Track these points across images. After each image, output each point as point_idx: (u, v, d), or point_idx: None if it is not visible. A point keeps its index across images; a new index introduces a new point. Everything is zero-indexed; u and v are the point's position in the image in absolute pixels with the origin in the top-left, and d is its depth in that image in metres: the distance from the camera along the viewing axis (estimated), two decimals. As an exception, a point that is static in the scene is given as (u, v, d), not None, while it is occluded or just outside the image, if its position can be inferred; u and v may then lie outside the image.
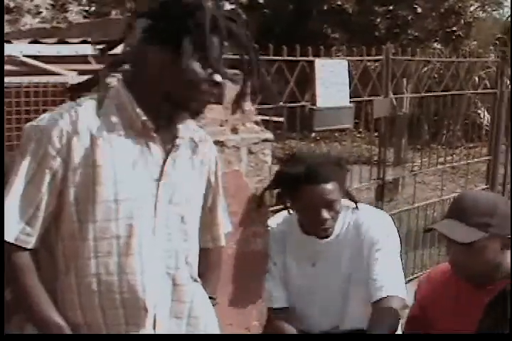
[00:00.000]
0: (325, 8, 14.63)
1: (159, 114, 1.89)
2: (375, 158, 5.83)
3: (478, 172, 8.08)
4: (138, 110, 1.86)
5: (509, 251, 2.29)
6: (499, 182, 6.59)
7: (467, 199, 2.30)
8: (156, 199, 1.88)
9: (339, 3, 14.63)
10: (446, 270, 2.52)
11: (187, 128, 1.97)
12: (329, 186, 2.61)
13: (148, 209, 1.88)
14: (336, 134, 11.06)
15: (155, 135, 1.89)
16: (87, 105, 1.88)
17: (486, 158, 6.54)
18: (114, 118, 1.86)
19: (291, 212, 2.74)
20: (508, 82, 7.53)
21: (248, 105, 2.66)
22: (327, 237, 2.73)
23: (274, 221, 2.91)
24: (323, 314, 2.82)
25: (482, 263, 2.25)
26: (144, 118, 1.86)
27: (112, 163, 1.82)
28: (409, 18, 14.02)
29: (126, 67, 1.91)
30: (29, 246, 1.82)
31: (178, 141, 1.93)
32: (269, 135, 2.60)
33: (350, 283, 2.78)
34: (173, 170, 1.92)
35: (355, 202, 2.79)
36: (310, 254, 2.77)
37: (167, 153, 1.91)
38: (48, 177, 1.81)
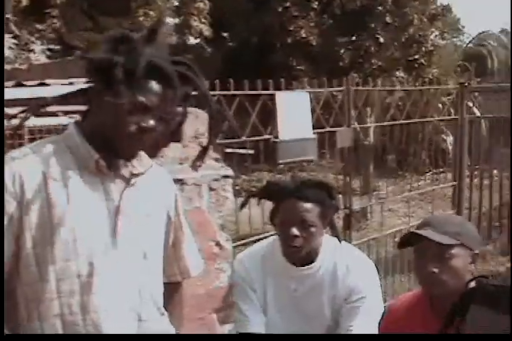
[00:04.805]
0: (289, 40, 14.81)
1: (111, 152, 1.91)
2: (347, 189, 5.86)
3: (445, 198, 8.16)
4: (90, 150, 1.89)
5: (470, 274, 2.32)
6: (465, 207, 6.67)
7: (436, 215, 2.40)
8: (115, 237, 1.90)
9: (303, 35, 14.82)
10: (410, 300, 2.53)
11: (143, 165, 2.00)
12: (308, 205, 2.65)
13: (108, 247, 1.89)
14: (304, 164, 11.15)
15: (110, 172, 1.91)
16: (40, 148, 1.91)
17: (451, 183, 6.62)
18: (67, 160, 1.89)
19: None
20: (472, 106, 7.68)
21: (206, 142, 2.68)
22: (301, 262, 2.74)
23: (258, 245, 2.95)
24: None
25: (453, 274, 2.26)
26: (97, 156, 1.88)
27: (67, 203, 1.84)
28: (372, 48, 14.25)
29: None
30: None
31: (133, 179, 1.95)
32: (229, 171, 2.62)
33: (330, 322, 2.82)
34: (131, 206, 1.93)
35: (339, 239, 2.81)
36: (291, 280, 2.79)
37: (123, 190, 1.93)
38: (4, 223, 1.82)
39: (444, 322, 1.72)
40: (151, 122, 1.87)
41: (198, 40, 17.60)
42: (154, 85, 1.87)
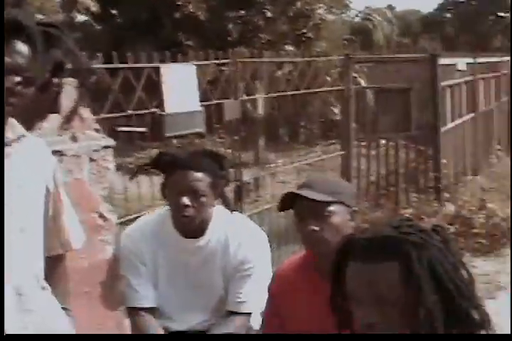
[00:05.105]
0: (177, 15, 14.67)
1: None
2: (236, 161, 5.89)
3: (336, 168, 8.33)
4: None
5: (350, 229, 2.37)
6: (353, 176, 6.83)
7: (314, 177, 2.45)
8: None
9: (191, 10, 14.71)
10: (296, 263, 2.57)
11: (15, 133, 1.94)
12: (199, 175, 2.65)
13: None
14: (196, 140, 11.15)
15: None
16: None
17: (339, 153, 6.76)
18: None
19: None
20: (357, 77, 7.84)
21: (87, 113, 2.64)
22: (192, 234, 2.75)
23: (147, 218, 2.92)
24: (191, 311, 2.85)
25: (334, 231, 2.31)
26: None
27: None
28: (260, 22, 14.31)
29: None
30: None
31: (7, 150, 1.89)
32: (110, 141, 2.58)
33: (222, 291, 2.84)
34: (5, 179, 1.88)
35: (231, 210, 2.83)
36: (183, 253, 2.79)
37: None
38: None
39: (331, 283, 1.75)
40: (17, 84, 1.81)
41: (86, 18, 17.18)
42: (18, 45, 1.82)
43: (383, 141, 7.71)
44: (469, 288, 1.62)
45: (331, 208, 2.35)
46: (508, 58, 13.47)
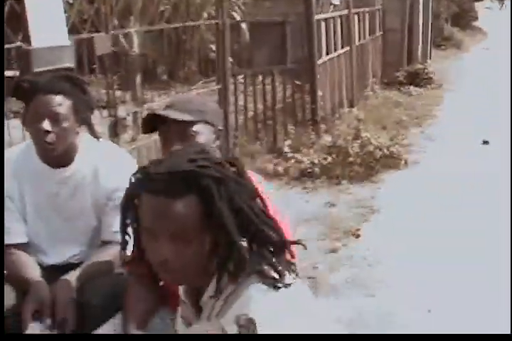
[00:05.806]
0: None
1: None
2: (117, 101, 5.78)
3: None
4: None
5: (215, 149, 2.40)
6: (232, 110, 6.85)
7: (178, 97, 2.44)
8: None
9: None
10: None
11: None
12: (58, 98, 2.58)
13: None
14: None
15: None
16: None
17: (215, 87, 6.74)
18: None
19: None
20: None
21: None
22: (58, 163, 2.70)
23: (11, 151, 2.85)
24: (64, 244, 2.83)
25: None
26: None
27: None
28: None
29: None
30: None
31: None
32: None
33: (95, 222, 2.83)
34: None
35: (97, 138, 2.79)
36: (51, 184, 2.74)
37: None
38: None
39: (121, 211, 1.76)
40: None
41: None
42: None
43: (260, 77, 7.73)
44: (265, 213, 1.67)
45: (195, 128, 2.36)
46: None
